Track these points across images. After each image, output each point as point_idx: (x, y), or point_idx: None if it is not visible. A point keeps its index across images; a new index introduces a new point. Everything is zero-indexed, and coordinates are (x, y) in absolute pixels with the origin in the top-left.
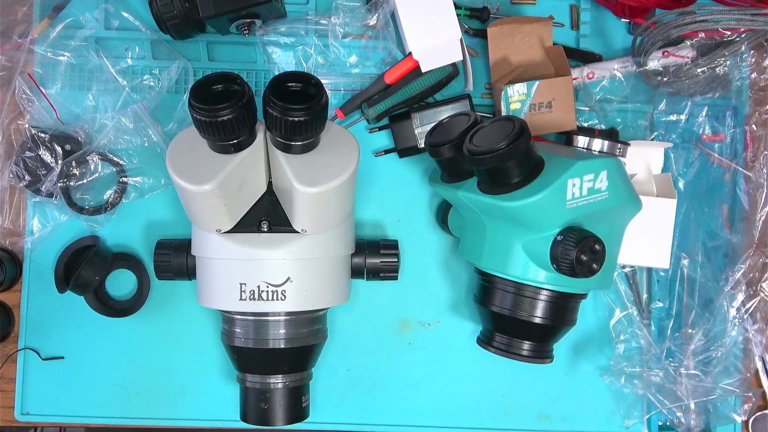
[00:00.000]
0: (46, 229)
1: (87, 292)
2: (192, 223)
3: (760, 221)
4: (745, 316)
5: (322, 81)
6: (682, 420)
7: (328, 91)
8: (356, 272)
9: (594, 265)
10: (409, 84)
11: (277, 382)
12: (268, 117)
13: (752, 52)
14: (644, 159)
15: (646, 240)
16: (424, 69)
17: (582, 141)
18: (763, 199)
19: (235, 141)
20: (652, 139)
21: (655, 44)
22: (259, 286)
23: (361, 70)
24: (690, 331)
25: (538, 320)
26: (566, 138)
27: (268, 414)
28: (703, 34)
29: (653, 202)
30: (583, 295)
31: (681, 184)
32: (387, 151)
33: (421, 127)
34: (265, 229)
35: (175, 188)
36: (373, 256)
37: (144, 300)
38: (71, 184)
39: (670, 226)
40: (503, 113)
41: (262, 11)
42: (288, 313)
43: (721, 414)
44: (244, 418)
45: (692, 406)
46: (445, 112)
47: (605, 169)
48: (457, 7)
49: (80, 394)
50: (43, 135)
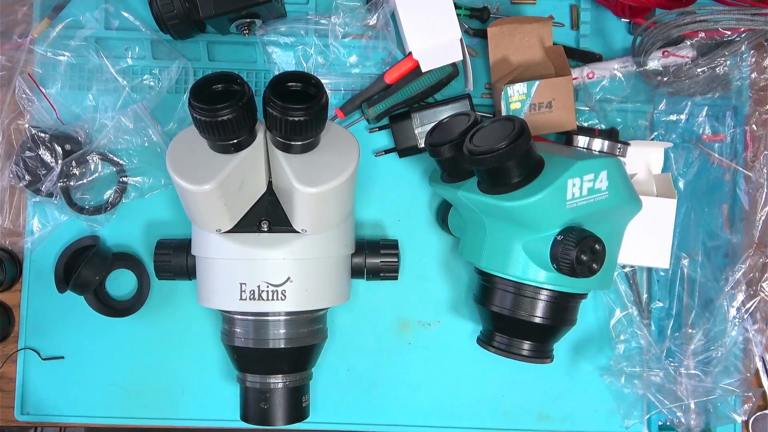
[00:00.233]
0: (46, 229)
1: (87, 292)
2: (192, 223)
3: (760, 221)
4: (745, 316)
5: (322, 81)
6: (682, 420)
7: (328, 91)
8: (356, 272)
9: (594, 265)
10: (409, 84)
11: (277, 382)
12: (268, 117)
13: (752, 52)
14: (644, 159)
15: (646, 240)
16: (424, 69)
17: (582, 141)
18: (763, 199)
19: (235, 141)
20: (652, 139)
21: (655, 44)
22: (259, 286)
23: (361, 70)
24: (690, 331)
25: (538, 320)
26: (566, 138)
27: (268, 414)
28: (703, 34)
29: (653, 202)
30: (583, 295)
31: (681, 184)
32: (387, 151)
33: (421, 127)
34: (265, 229)
35: (175, 188)
36: (373, 256)
37: (144, 300)
38: (71, 184)
39: (670, 226)
40: (503, 113)
41: (262, 11)
42: (288, 313)
43: (721, 414)
44: (244, 418)
45: (692, 406)
46: (445, 112)
47: (605, 169)
48: (457, 7)
49: (80, 394)
50: (43, 135)
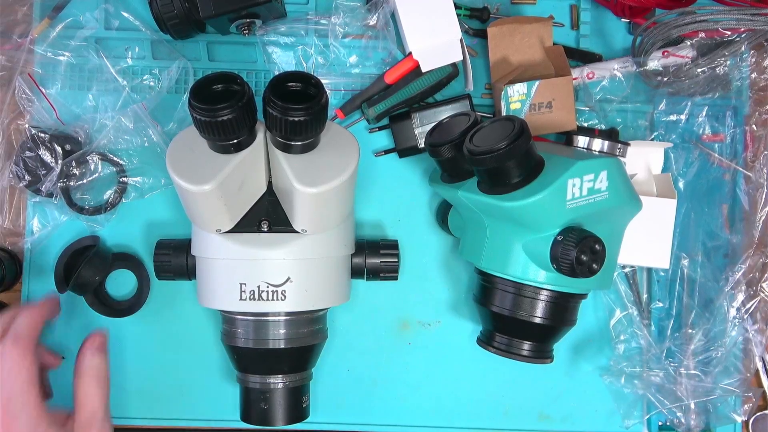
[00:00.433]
0: (46, 229)
1: (87, 292)
2: (192, 223)
3: (760, 221)
4: (745, 316)
5: (322, 81)
6: (682, 420)
7: (328, 91)
8: (356, 272)
9: (594, 265)
10: (409, 84)
11: (278, 382)
12: (268, 117)
13: (752, 52)
14: (644, 159)
15: (646, 240)
16: (424, 69)
17: (582, 141)
18: (763, 199)
19: (235, 141)
20: (652, 139)
21: (655, 44)
22: (259, 286)
23: (361, 70)
24: (690, 331)
25: (538, 320)
26: (566, 138)
27: (268, 414)
28: (703, 34)
29: (653, 202)
30: (583, 295)
31: (681, 184)
32: (387, 151)
33: (421, 127)
34: (265, 229)
35: (175, 188)
36: (373, 256)
37: (144, 300)
38: (71, 184)
39: (670, 226)
40: (503, 113)
41: (262, 11)
42: (288, 313)
43: (721, 414)
44: (244, 418)
45: (692, 406)
46: (445, 112)
47: (605, 169)
48: (457, 7)
49: None
50: (43, 135)
